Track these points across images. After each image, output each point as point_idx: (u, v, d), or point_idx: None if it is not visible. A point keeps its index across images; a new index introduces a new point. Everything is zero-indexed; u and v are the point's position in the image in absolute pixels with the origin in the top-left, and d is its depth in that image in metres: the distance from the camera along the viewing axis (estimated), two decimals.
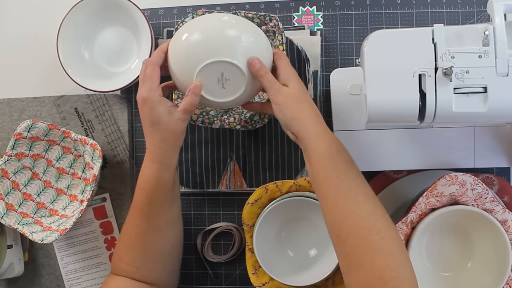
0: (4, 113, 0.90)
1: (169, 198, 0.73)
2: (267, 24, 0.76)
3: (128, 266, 0.73)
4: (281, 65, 0.68)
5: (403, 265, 0.58)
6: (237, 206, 0.86)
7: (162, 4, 0.89)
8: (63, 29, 0.83)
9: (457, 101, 0.61)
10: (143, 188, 0.71)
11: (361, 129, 0.78)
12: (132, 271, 0.73)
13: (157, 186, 0.70)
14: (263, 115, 0.79)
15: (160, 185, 0.70)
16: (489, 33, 0.60)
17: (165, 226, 0.74)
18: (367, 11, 0.84)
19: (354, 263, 0.60)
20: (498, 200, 0.69)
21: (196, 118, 0.78)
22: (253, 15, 0.75)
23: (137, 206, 0.72)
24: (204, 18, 0.69)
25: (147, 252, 0.73)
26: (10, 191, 0.83)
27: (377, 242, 0.59)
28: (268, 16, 0.75)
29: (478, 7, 0.83)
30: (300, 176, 0.83)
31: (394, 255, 0.58)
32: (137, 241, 0.72)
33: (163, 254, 0.75)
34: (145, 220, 0.72)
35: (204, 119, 0.79)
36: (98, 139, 0.88)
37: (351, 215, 0.61)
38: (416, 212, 0.70)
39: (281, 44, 0.75)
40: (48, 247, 0.89)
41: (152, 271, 0.73)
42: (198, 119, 0.78)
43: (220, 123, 0.79)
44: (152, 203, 0.71)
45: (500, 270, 0.68)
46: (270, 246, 0.78)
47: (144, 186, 0.70)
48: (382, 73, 0.62)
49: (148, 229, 0.72)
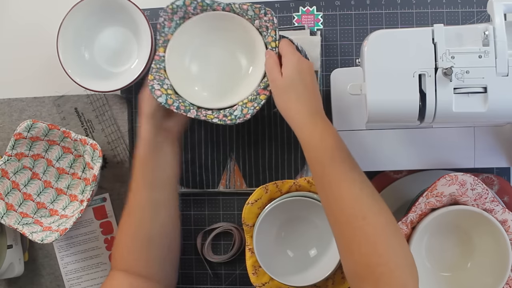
0: (4, 113, 0.90)
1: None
2: (261, 18, 0.73)
3: (119, 256, 0.75)
4: (282, 53, 0.71)
5: (392, 251, 0.58)
6: (237, 206, 0.86)
7: (162, 4, 0.88)
8: (63, 29, 0.82)
9: (457, 101, 0.61)
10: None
11: (361, 129, 0.78)
12: (124, 262, 0.74)
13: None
14: (245, 110, 0.72)
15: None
16: (489, 33, 0.60)
17: (147, 206, 0.75)
18: (367, 11, 0.84)
19: (344, 249, 0.61)
20: (498, 200, 0.69)
21: (172, 103, 0.73)
22: (248, 7, 0.73)
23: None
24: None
25: (135, 238, 0.74)
26: (10, 191, 0.83)
27: (362, 228, 0.59)
28: (263, 9, 0.73)
29: (478, 7, 0.83)
30: (300, 176, 0.83)
31: (381, 240, 0.58)
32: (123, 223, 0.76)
33: (150, 242, 0.75)
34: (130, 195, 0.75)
35: (180, 106, 0.73)
36: (98, 139, 0.88)
37: (335, 202, 0.62)
38: (416, 212, 0.70)
39: (274, 41, 0.73)
40: (48, 247, 0.89)
41: (140, 261, 0.74)
42: (174, 104, 0.73)
43: (196, 113, 0.74)
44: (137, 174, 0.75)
45: (500, 270, 0.68)
46: (270, 246, 0.78)
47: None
48: (382, 73, 0.62)
49: (132, 207, 0.75)
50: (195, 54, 0.78)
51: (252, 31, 0.74)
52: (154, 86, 0.73)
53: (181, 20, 0.76)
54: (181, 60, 0.77)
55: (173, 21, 0.75)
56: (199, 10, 0.75)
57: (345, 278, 0.75)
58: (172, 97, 0.73)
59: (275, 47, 0.72)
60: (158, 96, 0.72)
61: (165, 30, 0.75)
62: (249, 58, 0.76)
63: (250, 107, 0.72)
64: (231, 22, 0.75)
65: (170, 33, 0.76)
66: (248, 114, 0.72)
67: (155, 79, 0.74)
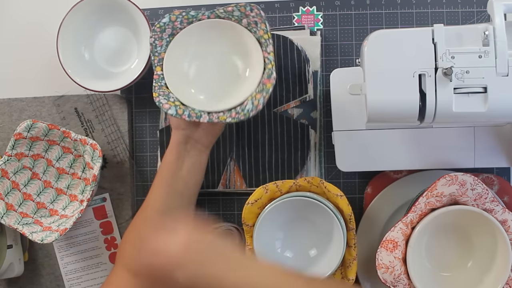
0: (4, 113, 0.90)
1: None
2: (248, 16, 0.73)
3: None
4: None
5: None
6: (237, 206, 0.86)
7: (162, 4, 0.89)
8: (63, 29, 0.82)
9: (457, 101, 0.61)
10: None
11: (361, 129, 0.78)
12: (130, 261, 0.74)
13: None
14: (256, 102, 0.71)
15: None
16: (489, 33, 0.60)
17: (161, 209, 0.75)
18: (367, 11, 0.84)
19: None
20: (498, 200, 0.69)
21: (182, 112, 0.73)
22: (233, 8, 0.73)
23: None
24: None
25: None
26: (10, 191, 0.83)
27: None
28: (248, 6, 0.72)
29: (478, 7, 0.83)
30: (300, 176, 0.83)
31: None
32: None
33: None
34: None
35: (191, 113, 0.74)
36: (98, 139, 0.88)
37: None
38: (416, 212, 0.70)
39: (266, 33, 0.72)
40: (48, 247, 0.89)
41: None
42: (184, 113, 0.73)
43: (208, 117, 0.73)
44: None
45: (500, 270, 0.68)
46: (270, 246, 0.78)
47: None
48: (382, 73, 0.62)
49: (146, 207, 0.76)
50: (191, 66, 0.78)
51: (242, 31, 0.74)
52: (161, 101, 0.73)
53: (170, 36, 0.76)
54: (179, 74, 0.77)
55: (163, 40, 0.75)
56: (186, 23, 0.75)
57: (345, 278, 0.75)
58: (180, 107, 0.74)
59: (268, 38, 0.71)
60: (167, 109, 0.72)
61: (158, 49, 0.76)
62: (244, 59, 0.76)
63: (259, 98, 0.71)
64: (219, 28, 0.75)
65: (162, 51, 0.76)
66: (259, 105, 0.70)
67: (160, 95, 0.74)
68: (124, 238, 0.78)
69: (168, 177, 0.76)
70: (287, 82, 0.83)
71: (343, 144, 0.78)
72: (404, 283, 0.69)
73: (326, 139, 0.84)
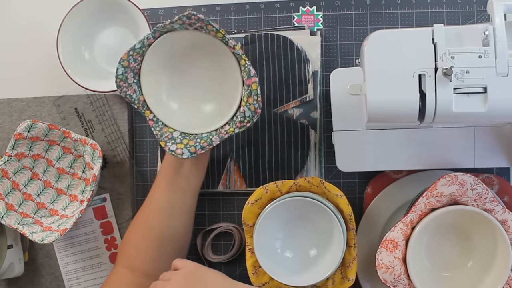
0: (4, 113, 0.90)
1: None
2: (191, 24, 0.69)
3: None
4: None
5: None
6: (237, 206, 0.86)
7: (162, 4, 0.89)
8: (63, 29, 0.83)
9: (457, 101, 0.61)
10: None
11: (361, 129, 0.78)
12: (131, 260, 0.75)
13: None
14: (253, 107, 0.70)
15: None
16: (489, 33, 0.60)
17: (164, 208, 0.76)
18: (367, 11, 0.84)
19: None
20: (498, 200, 0.69)
21: (195, 150, 0.72)
22: (171, 24, 0.68)
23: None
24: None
25: (146, 238, 0.75)
26: (10, 191, 0.83)
27: None
28: (183, 17, 0.67)
29: (478, 7, 0.83)
30: (300, 176, 0.83)
31: None
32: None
33: (160, 244, 0.76)
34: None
35: (202, 144, 0.72)
36: (98, 139, 0.88)
37: None
38: (416, 212, 0.70)
39: (217, 32, 0.68)
40: (48, 247, 0.89)
41: (147, 261, 0.75)
42: (197, 148, 0.72)
43: (218, 139, 0.72)
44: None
45: (500, 270, 0.68)
46: (270, 246, 0.78)
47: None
48: (382, 73, 0.62)
49: (147, 206, 0.77)
50: (173, 95, 0.76)
51: (201, 37, 0.71)
52: (171, 148, 0.71)
53: (135, 77, 0.73)
54: (167, 108, 0.75)
55: (132, 85, 0.72)
56: (139, 57, 0.71)
57: (345, 278, 0.75)
58: (190, 144, 0.72)
59: (223, 36, 0.68)
60: (180, 154, 0.71)
61: (134, 97, 0.73)
62: (220, 68, 0.74)
63: (253, 103, 0.70)
64: (172, 45, 0.72)
65: (140, 95, 0.73)
66: (258, 110, 0.70)
67: (167, 142, 0.72)
68: (124, 238, 0.78)
69: (170, 174, 0.76)
70: (287, 82, 0.83)
71: (343, 144, 0.78)
72: (404, 283, 0.69)
73: (326, 139, 0.84)
